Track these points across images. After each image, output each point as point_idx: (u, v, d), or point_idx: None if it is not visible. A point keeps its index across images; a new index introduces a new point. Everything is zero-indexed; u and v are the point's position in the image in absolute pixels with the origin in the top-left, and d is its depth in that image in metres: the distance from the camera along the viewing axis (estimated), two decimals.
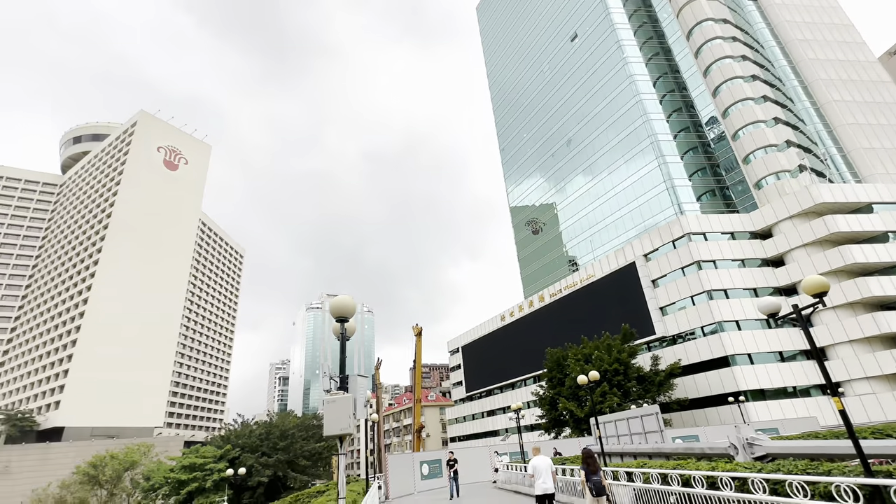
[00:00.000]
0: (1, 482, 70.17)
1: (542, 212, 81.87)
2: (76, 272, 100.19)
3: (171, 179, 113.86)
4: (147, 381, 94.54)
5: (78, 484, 49.52)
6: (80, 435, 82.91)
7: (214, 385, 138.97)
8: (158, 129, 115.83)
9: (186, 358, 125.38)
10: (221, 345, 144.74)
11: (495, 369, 70.57)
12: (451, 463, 21.12)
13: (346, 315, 7.74)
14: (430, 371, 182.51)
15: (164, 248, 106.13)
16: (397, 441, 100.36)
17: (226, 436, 54.97)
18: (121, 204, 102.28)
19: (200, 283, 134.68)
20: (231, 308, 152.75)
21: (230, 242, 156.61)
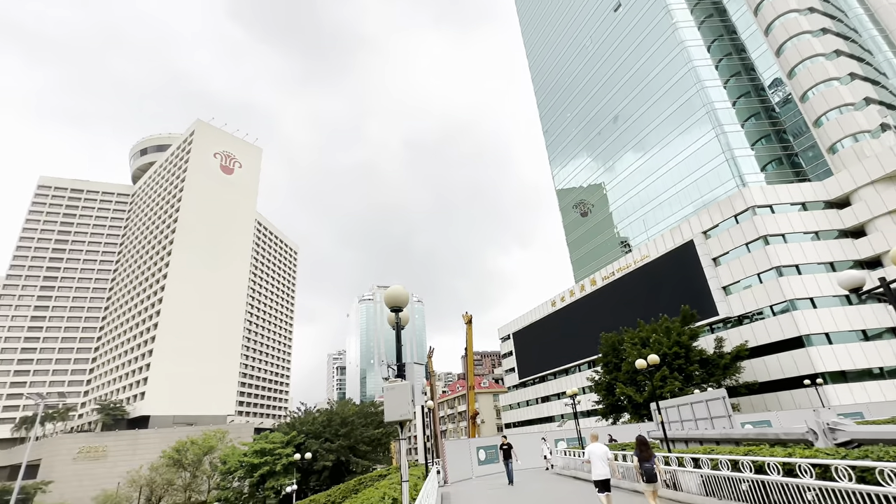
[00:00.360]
0: (101, 464, 78.20)
1: (590, 193, 79.38)
2: (150, 274, 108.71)
3: (228, 183, 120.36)
4: (218, 373, 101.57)
5: (165, 466, 54.32)
6: (163, 422, 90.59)
7: (278, 375, 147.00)
8: (213, 137, 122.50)
9: (251, 350, 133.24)
10: (282, 337, 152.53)
11: (547, 355, 69.82)
12: (504, 448, 20.96)
13: (400, 305, 7.90)
14: (481, 358, 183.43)
15: (225, 248, 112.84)
16: (452, 427, 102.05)
17: (291, 423, 58.13)
18: (185, 209, 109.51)
19: (260, 279, 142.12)
20: (289, 302, 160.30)
21: (284, 240, 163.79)
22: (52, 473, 74.04)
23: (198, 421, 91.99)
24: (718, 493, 11.26)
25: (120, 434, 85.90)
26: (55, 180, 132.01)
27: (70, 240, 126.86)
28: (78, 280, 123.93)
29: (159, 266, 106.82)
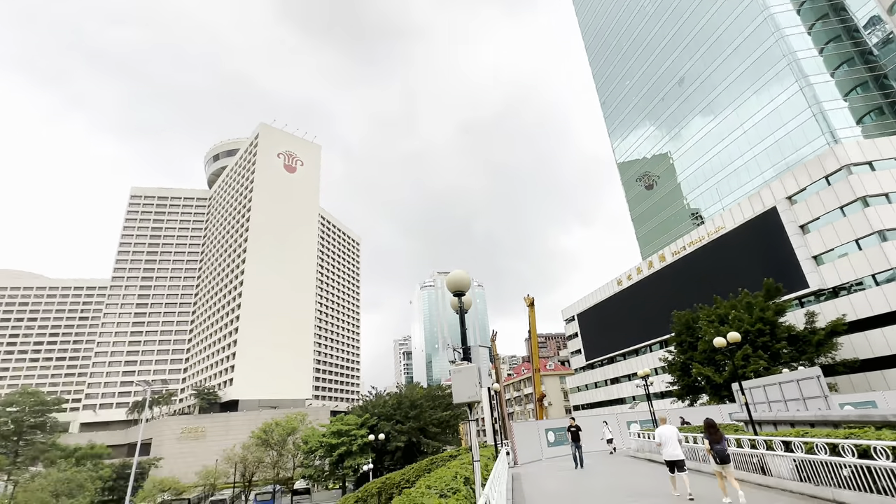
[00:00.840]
0: (200, 443, 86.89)
1: (654, 164, 74.94)
2: (230, 271, 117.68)
3: (292, 181, 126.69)
4: (295, 360, 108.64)
5: (254, 446, 59.32)
6: (250, 406, 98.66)
7: (348, 361, 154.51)
8: (276, 138, 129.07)
9: (323, 339, 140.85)
10: (350, 325, 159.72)
11: (615, 336, 67.58)
12: (572, 430, 20.31)
13: (462, 289, 7.94)
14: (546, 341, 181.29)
15: (294, 243, 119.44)
16: (519, 410, 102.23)
17: (364, 406, 60.98)
18: (255, 208, 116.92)
19: (326, 271, 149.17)
20: (354, 291, 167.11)
21: (347, 232, 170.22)
22: (162, 450, 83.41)
23: (280, 404, 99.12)
24: (814, 479, 10.41)
25: (215, 416, 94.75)
26: (143, 190, 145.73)
27: (161, 243, 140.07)
28: (170, 279, 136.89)
29: (237, 263, 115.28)
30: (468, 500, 8.06)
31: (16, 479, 58.83)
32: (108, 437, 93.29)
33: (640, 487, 13.98)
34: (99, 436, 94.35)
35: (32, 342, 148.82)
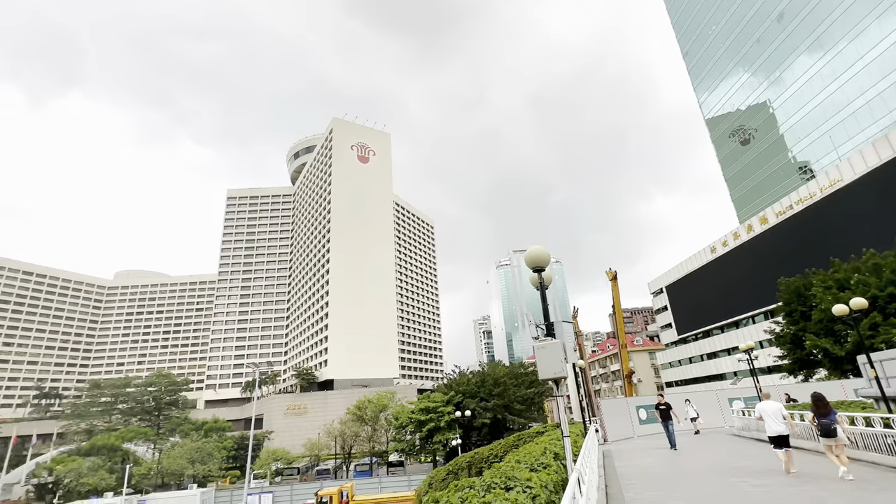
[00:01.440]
0: (303, 419, 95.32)
1: (750, 116, 67.20)
2: (317, 260, 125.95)
3: (366, 171, 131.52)
4: (381, 342, 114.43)
5: (350, 421, 63.90)
6: (343, 385, 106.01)
7: (430, 341, 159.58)
8: (348, 131, 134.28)
9: (405, 320, 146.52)
10: (430, 307, 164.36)
11: (710, 308, 62.61)
12: (662, 408, 18.75)
13: (542, 264, 7.73)
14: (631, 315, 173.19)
15: (372, 230, 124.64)
16: (606, 387, 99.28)
17: (448, 384, 62.78)
18: (335, 200, 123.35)
19: (404, 255, 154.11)
20: (431, 274, 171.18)
21: (421, 216, 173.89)
22: (272, 425, 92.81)
23: (370, 383, 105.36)
24: None
25: (314, 395, 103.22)
26: (237, 191, 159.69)
27: (256, 238, 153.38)
28: (266, 270, 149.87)
29: (322, 252, 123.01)
30: (559, 475, 7.98)
31: (160, 447, 68.89)
32: (227, 413, 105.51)
33: (745, 466, 12.98)
34: (220, 411, 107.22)
35: (162, 331, 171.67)
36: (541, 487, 6.63)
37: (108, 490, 54.30)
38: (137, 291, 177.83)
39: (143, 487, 60.48)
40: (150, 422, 78.26)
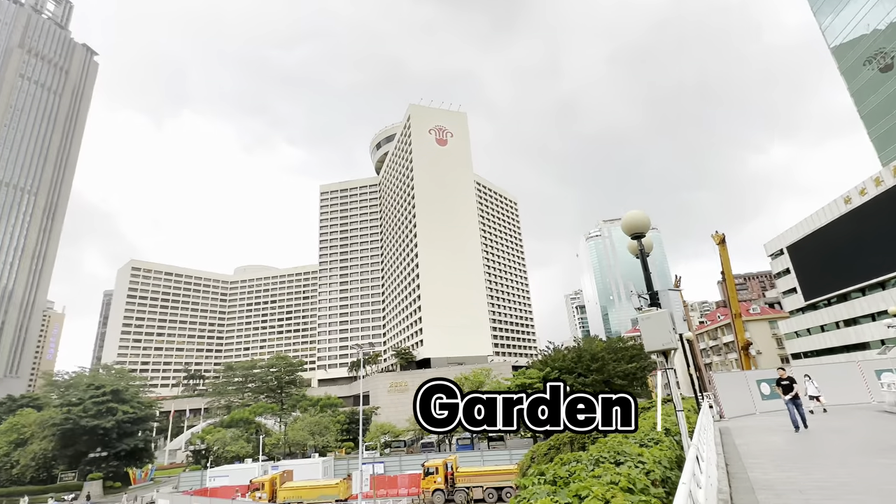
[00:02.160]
0: (405, 395, 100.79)
1: (891, 36, 56.01)
2: (405, 244, 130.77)
3: (445, 154, 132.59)
4: (473, 320, 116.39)
5: None
6: (439, 363, 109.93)
7: (522, 318, 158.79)
8: (426, 115, 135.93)
9: (495, 299, 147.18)
10: (518, 284, 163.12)
11: (845, 268, 54.27)
12: (784, 383, 16.56)
13: (641, 230, 7.19)
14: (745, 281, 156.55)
15: (455, 212, 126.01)
16: (718, 360, 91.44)
17: (543, 360, 62.24)
18: (418, 185, 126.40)
19: (489, 234, 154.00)
20: (518, 251, 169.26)
21: (504, 194, 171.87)
22: (378, 401, 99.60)
23: (465, 361, 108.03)
24: None
25: (413, 373, 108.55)
26: (328, 186, 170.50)
27: (349, 228, 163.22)
28: (360, 258, 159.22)
29: (409, 237, 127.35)
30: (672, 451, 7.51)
31: (285, 421, 77.41)
32: (337, 391, 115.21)
33: None
34: (331, 389, 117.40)
35: (276, 318, 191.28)
36: (654, 463, 6.28)
37: (247, 457, 62.49)
38: (253, 284, 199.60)
39: (275, 455, 68.65)
40: (275, 398, 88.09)
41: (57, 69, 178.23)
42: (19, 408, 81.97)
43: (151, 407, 79.14)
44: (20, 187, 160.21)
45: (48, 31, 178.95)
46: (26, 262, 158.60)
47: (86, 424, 62.70)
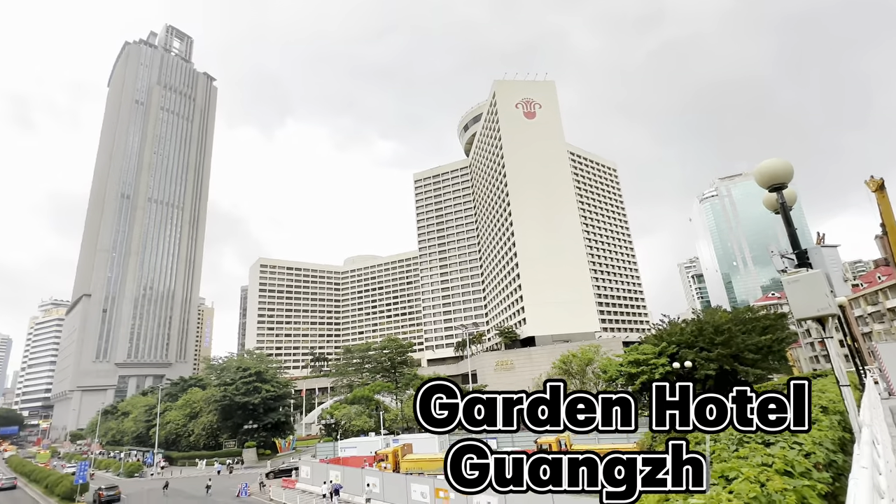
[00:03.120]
0: (511, 373, 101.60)
1: None
2: (500, 223, 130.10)
3: (534, 126, 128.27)
4: (576, 296, 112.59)
5: (557, 375, 65.46)
6: (544, 341, 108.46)
7: (630, 291, 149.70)
8: (511, 90, 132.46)
9: (599, 272, 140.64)
10: (623, 254, 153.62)
11: None
12: None
13: (781, 180, 6.22)
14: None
15: (549, 186, 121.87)
16: (881, 329, 77.56)
17: (657, 335, 58.14)
18: (508, 163, 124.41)
19: (587, 205, 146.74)
20: (620, 220, 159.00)
21: (600, 161, 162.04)
22: (485, 379, 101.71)
23: (571, 338, 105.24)
24: None
25: (518, 351, 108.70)
26: (421, 174, 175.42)
27: (444, 212, 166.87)
28: (457, 241, 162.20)
29: (504, 216, 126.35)
30: (833, 432, 6.53)
31: (400, 398, 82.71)
32: (445, 370, 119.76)
33: None
34: (439, 369, 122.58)
35: (384, 303, 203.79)
36: (813, 444, 5.51)
37: (370, 430, 68.11)
38: (361, 273, 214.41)
39: (394, 429, 73.92)
40: (390, 378, 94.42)
41: (186, 98, 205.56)
42: (189, 387, 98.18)
43: (287, 386, 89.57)
44: (170, 203, 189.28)
45: (176, 66, 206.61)
46: (182, 266, 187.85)
47: (238, 401, 73.26)
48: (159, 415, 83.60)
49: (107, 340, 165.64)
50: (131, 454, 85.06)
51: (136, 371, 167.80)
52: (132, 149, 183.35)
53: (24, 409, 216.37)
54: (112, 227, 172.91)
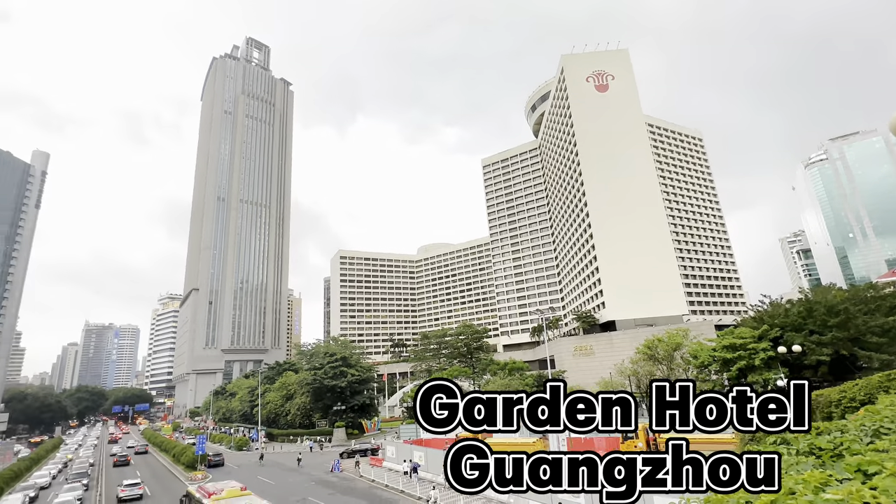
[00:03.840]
0: (590, 359, 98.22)
1: None
2: (574, 204, 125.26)
3: (607, 100, 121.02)
4: (659, 277, 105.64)
5: (642, 360, 61.94)
6: (626, 325, 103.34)
7: (721, 271, 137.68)
8: (580, 63, 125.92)
9: (685, 251, 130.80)
10: (713, 231, 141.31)
11: None
12: None
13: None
14: None
15: (626, 161, 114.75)
16: None
17: (757, 317, 53.01)
18: (581, 140, 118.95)
19: (670, 179, 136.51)
20: (709, 193, 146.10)
21: (683, 131, 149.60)
22: (563, 365, 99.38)
23: (655, 322, 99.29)
24: None
25: (597, 336, 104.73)
26: (489, 159, 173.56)
27: (514, 196, 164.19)
28: (529, 224, 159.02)
29: (577, 196, 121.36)
30: None
31: (478, 383, 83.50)
32: (521, 355, 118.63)
33: None
34: (515, 354, 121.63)
35: (458, 290, 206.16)
36: None
37: None
38: (434, 261, 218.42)
39: None
40: (466, 363, 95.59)
41: (267, 104, 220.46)
42: (283, 371, 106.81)
43: (370, 371, 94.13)
44: (258, 203, 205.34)
45: (257, 75, 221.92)
46: (271, 261, 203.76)
47: (327, 384, 78.37)
48: (260, 396, 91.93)
49: (213, 329, 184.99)
50: (239, 430, 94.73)
51: (239, 356, 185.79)
52: (224, 155, 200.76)
53: (152, 389, 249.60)
54: (212, 228, 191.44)
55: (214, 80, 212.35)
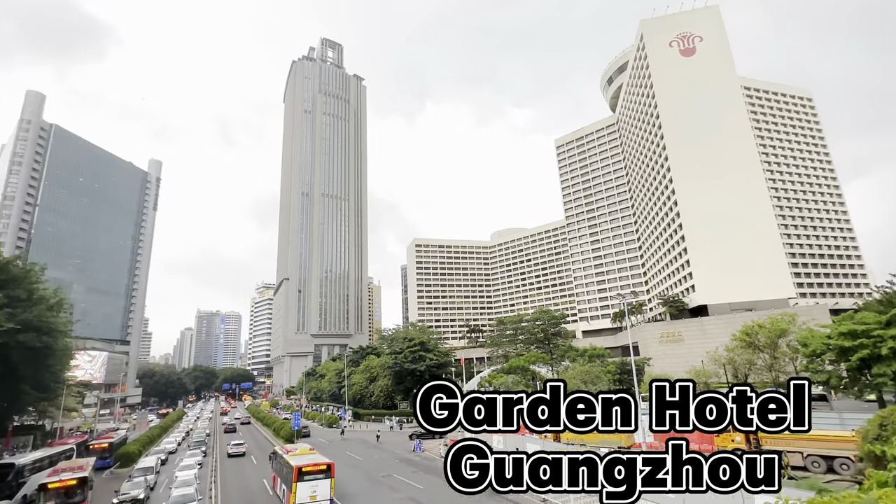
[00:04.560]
0: (679, 346, 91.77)
1: None
2: (657, 181, 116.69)
3: (693, 64, 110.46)
4: (759, 257, 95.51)
5: (739, 348, 56.56)
6: (720, 310, 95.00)
7: (838, 248, 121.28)
8: (661, 28, 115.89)
9: (792, 227, 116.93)
10: (828, 203, 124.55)
11: None
12: None
13: None
14: None
15: (717, 129, 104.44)
16: None
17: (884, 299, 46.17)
18: (663, 112, 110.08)
19: (770, 147, 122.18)
20: (821, 160, 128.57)
21: (788, 92, 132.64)
22: (648, 352, 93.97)
23: (755, 306, 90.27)
24: None
25: (687, 322, 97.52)
26: (563, 139, 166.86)
27: (591, 176, 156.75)
28: (607, 205, 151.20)
29: (662, 172, 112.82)
30: None
31: (556, 370, 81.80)
32: (602, 342, 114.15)
33: None
34: (595, 340, 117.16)
35: (533, 275, 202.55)
36: None
37: None
38: (509, 246, 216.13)
39: None
40: (543, 349, 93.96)
41: (342, 101, 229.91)
42: (366, 355, 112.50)
43: (448, 355, 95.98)
44: (338, 196, 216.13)
45: (332, 73, 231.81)
46: (352, 250, 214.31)
47: (407, 367, 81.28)
48: (346, 377, 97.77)
49: (303, 315, 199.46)
50: (329, 409, 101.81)
51: (326, 341, 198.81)
52: (306, 152, 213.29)
53: (254, 370, 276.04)
54: (298, 221, 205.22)
55: (294, 82, 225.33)
